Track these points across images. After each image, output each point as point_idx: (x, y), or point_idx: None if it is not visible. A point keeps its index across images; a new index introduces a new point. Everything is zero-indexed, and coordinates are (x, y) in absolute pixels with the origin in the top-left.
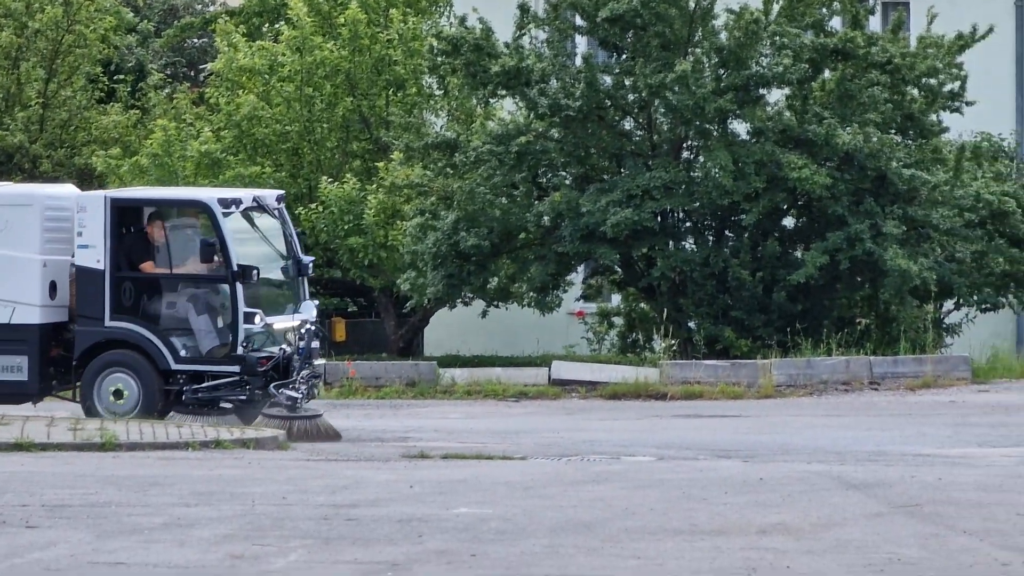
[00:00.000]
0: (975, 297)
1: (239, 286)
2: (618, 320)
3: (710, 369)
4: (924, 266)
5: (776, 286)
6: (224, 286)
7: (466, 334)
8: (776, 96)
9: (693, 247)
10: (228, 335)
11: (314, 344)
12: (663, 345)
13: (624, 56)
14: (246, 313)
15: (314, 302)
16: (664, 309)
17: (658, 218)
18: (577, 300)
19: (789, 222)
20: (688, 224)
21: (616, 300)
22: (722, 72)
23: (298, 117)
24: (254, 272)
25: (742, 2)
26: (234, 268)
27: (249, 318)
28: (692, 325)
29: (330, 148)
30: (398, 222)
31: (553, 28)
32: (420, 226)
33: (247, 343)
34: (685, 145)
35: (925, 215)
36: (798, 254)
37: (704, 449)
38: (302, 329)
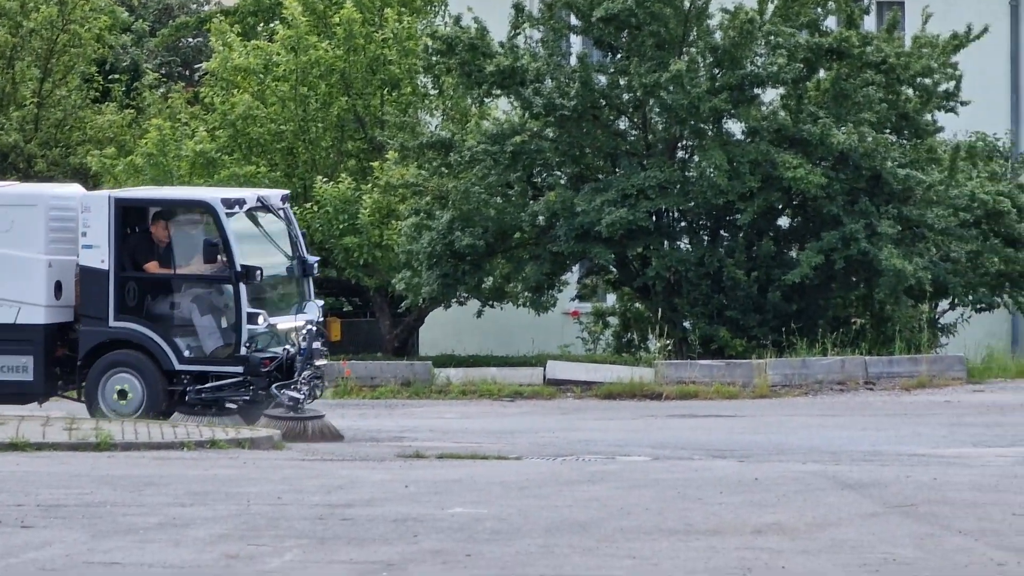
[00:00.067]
0: (970, 297)
1: (242, 286)
2: (613, 320)
3: (705, 369)
4: (919, 266)
5: (771, 286)
6: (228, 286)
7: (461, 334)
8: (771, 96)
9: (688, 247)
10: (232, 335)
11: (315, 344)
12: (658, 345)
13: (619, 55)
14: (249, 313)
15: (319, 302)
16: (659, 309)
17: (653, 218)
18: (572, 300)
19: (784, 222)
20: (683, 224)
21: (611, 300)
22: (717, 72)
23: (293, 116)
24: (257, 272)
25: (737, 1)
26: (237, 268)
27: (252, 318)
28: (687, 325)
29: (325, 148)
30: (393, 222)
31: (548, 27)
32: (415, 226)
33: (250, 343)
34: (680, 145)
35: (920, 215)
36: (793, 254)
37: (699, 449)
38: (305, 329)
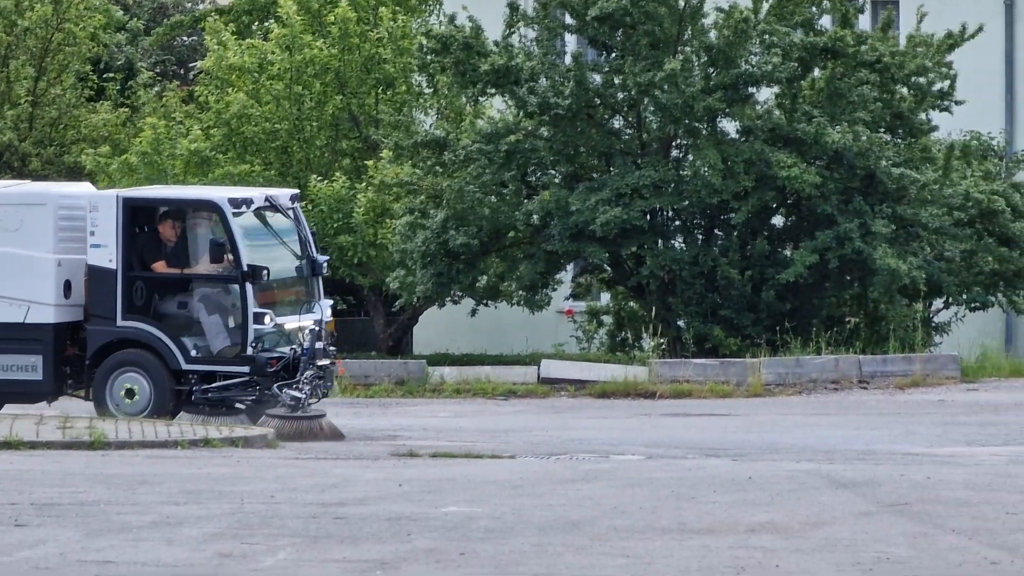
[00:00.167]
0: (964, 296)
1: (249, 286)
2: (607, 319)
3: (699, 368)
4: (913, 265)
5: (765, 285)
6: (235, 286)
7: (455, 333)
8: (765, 95)
9: (682, 246)
10: (239, 335)
11: (318, 344)
12: (652, 344)
13: (613, 55)
14: (256, 313)
15: (329, 302)
16: (653, 308)
17: (647, 217)
18: (566, 299)
19: (778, 221)
20: (677, 223)
21: (605, 299)
22: (711, 71)
23: (287, 115)
24: (264, 272)
25: (731, 1)
26: (244, 268)
27: (259, 318)
28: (681, 324)
29: (319, 146)
30: (387, 220)
31: (542, 27)
32: (409, 224)
33: (256, 343)
34: (674, 144)
35: (914, 214)
36: (787, 253)
37: (693, 448)
38: (307, 329)
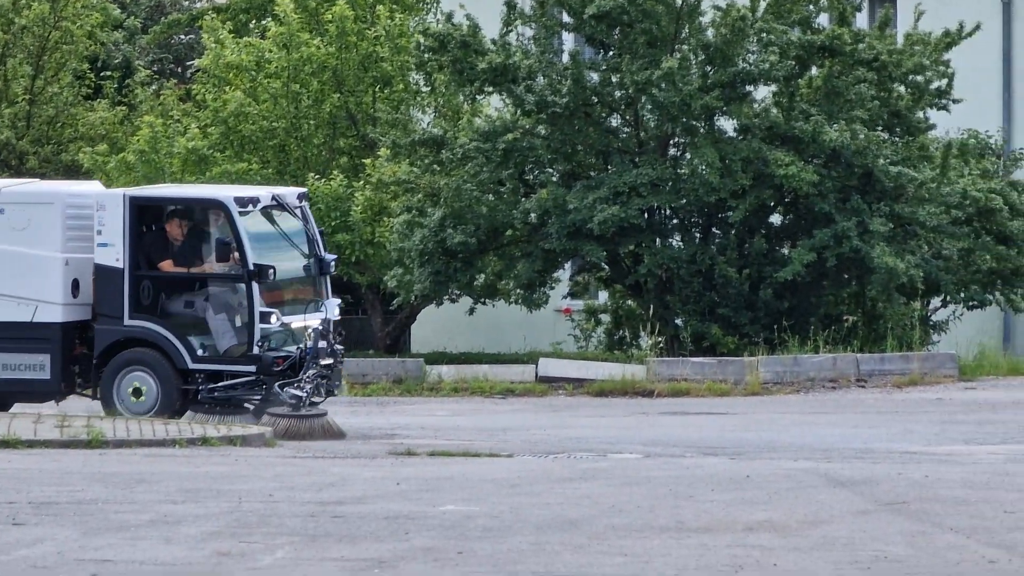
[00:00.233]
0: (962, 294)
1: (255, 285)
2: (605, 317)
3: (697, 366)
4: (911, 263)
5: (763, 283)
6: (241, 285)
7: (453, 331)
8: (763, 93)
9: (680, 244)
10: (245, 334)
11: (322, 344)
12: (650, 342)
13: (611, 53)
14: (262, 312)
15: (336, 300)
16: (651, 306)
17: (645, 215)
18: (564, 297)
19: (776, 219)
20: (675, 221)
21: (603, 297)
22: (709, 69)
23: (285, 114)
24: (270, 271)
25: None
26: (250, 267)
27: (265, 317)
28: (679, 322)
29: (317, 145)
30: (385, 219)
31: (540, 25)
32: (407, 223)
33: (263, 343)
34: (672, 142)
35: (912, 212)
36: (785, 251)
37: (691, 446)
38: (311, 328)
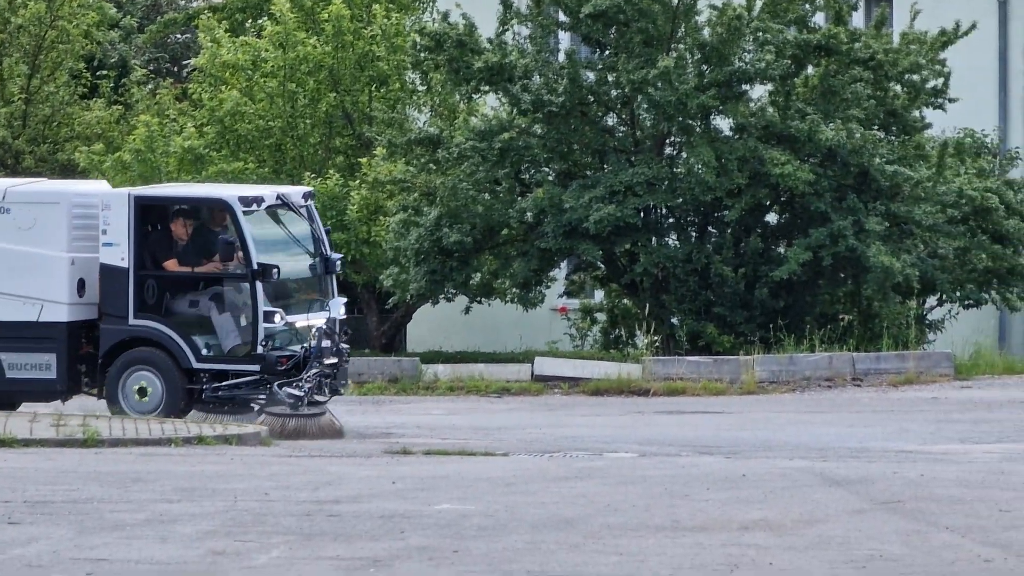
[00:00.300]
0: (957, 293)
1: (259, 285)
2: (601, 316)
3: (692, 365)
4: (907, 262)
5: (759, 282)
6: (245, 284)
7: (449, 330)
8: (759, 92)
9: (676, 243)
10: (249, 333)
11: (326, 343)
12: (645, 341)
13: (607, 52)
14: (266, 312)
15: (342, 299)
16: (647, 305)
17: (641, 214)
18: (560, 296)
19: (772, 218)
20: (671, 220)
21: (599, 296)
22: (705, 68)
23: (281, 113)
24: (274, 271)
25: None
26: (254, 267)
27: (269, 317)
28: (675, 321)
29: (313, 144)
30: (381, 218)
31: (536, 24)
32: (403, 222)
33: (266, 342)
34: (668, 141)
35: (908, 211)
36: (781, 250)
37: (686, 445)
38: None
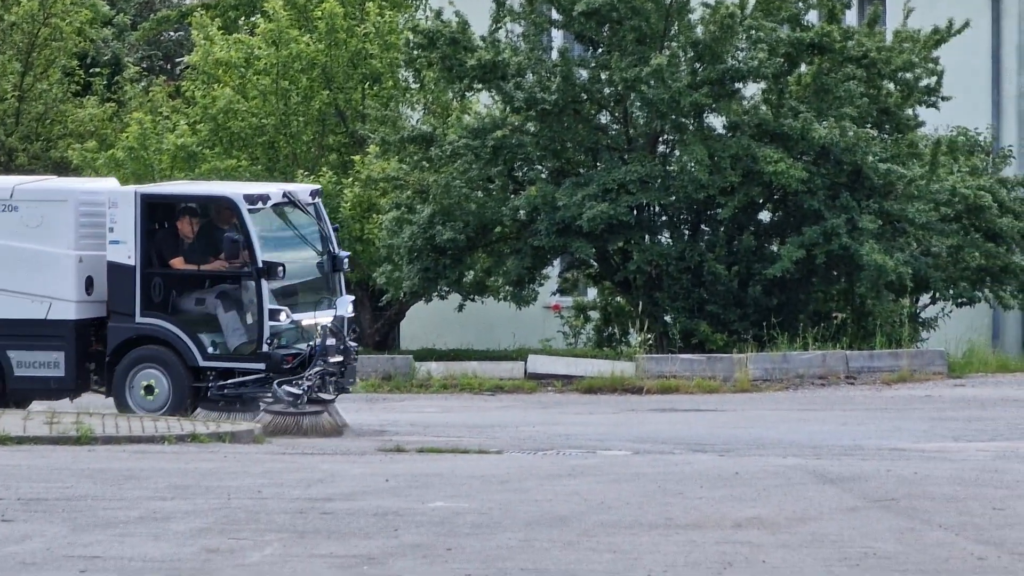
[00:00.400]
0: (951, 291)
1: (264, 283)
2: (594, 314)
3: (686, 363)
4: (900, 260)
5: (752, 280)
6: (251, 282)
7: (442, 328)
8: (752, 90)
9: (669, 241)
10: (255, 332)
11: (330, 341)
12: (639, 339)
13: (600, 50)
14: (271, 310)
15: (350, 297)
16: (640, 303)
17: (634, 212)
18: (553, 294)
19: (765, 216)
20: (664, 218)
21: (592, 294)
22: (698, 66)
23: (274, 110)
24: (279, 269)
25: None
26: (259, 265)
27: (274, 315)
28: (668, 319)
29: (306, 141)
30: (374, 216)
31: (529, 22)
32: (396, 220)
33: (272, 340)
34: (661, 139)
35: (901, 209)
36: (774, 248)
37: (680, 443)
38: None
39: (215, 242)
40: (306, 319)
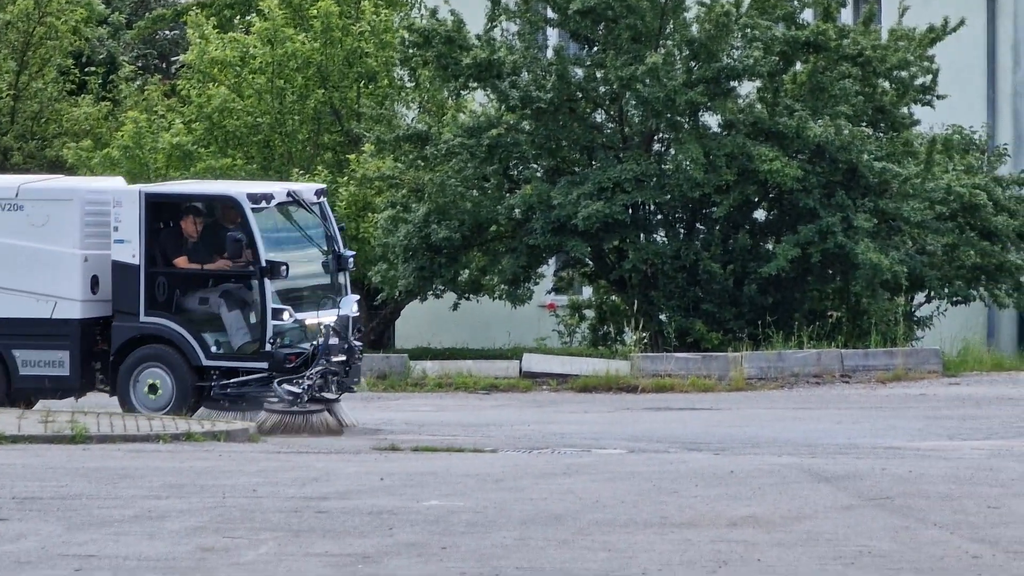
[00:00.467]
0: (946, 290)
1: (267, 282)
2: (589, 313)
3: (681, 362)
4: (895, 259)
5: (747, 279)
6: (255, 281)
7: (437, 327)
8: (747, 89)
9: (664, 240)
10: (259, 331)
11: (333, 340)
12: (634, 338)
13: (595, 48)
14: (275, 309)
15: (355, 296)
16: (635, 302)
17: (629, 211)
18: (548, 293)
19: (760, 215)
20: (659, 217)
21: (587, 293)
22: (693, 64)
23: (269, 109)
24: (283, 268)
25: None
26: (262, 264)
27: (278, 314)
28: (663, 318)
29: (301, 140)
30: (369, 214)
31: (524, 20)
32: (391, 218)
33: (275, 339)
34: (656, 138)
35: (896, 208)
36: (769, 247)
37: (675, 442)
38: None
39: (219, 241)
40: (310, 318)
